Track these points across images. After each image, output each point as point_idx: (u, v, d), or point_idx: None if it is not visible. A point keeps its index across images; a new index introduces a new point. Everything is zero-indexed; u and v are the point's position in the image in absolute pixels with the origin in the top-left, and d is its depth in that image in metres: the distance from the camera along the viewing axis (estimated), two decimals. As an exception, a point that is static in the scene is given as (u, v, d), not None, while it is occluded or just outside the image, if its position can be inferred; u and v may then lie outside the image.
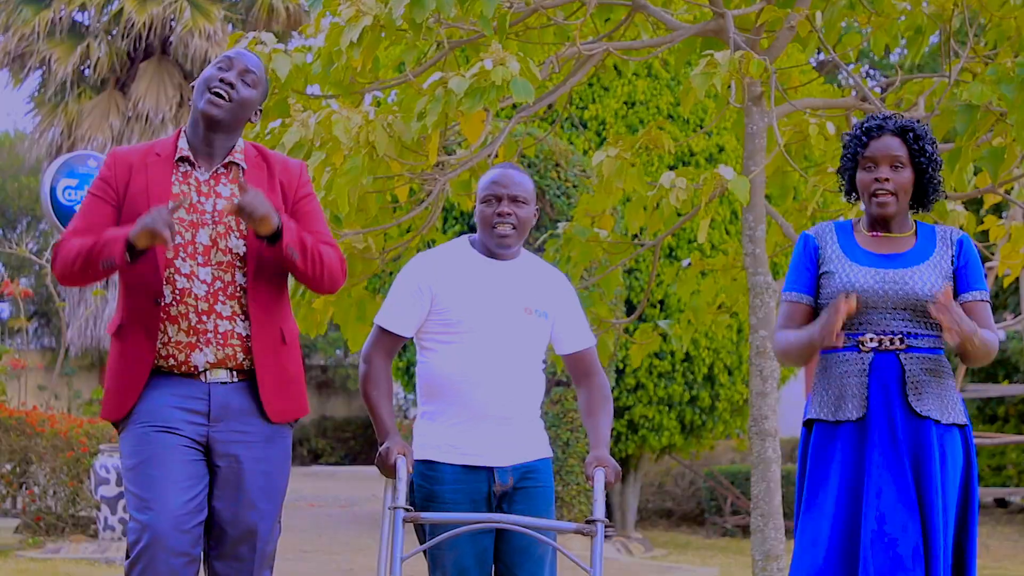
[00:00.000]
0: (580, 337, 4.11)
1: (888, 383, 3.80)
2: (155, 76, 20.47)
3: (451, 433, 3.96)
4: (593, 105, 13.36)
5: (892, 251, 3.88)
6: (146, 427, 3.76)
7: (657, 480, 16.87)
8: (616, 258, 6.91)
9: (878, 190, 3.85)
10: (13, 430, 12.28)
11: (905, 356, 3.81)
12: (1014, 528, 15.56)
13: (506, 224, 3.97)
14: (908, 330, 3.82)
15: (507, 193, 3.98)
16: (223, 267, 3.80)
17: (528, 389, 4.01)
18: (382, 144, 5.52)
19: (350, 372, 25.15)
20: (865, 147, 3.88)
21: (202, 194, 3.83)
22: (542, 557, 3.97)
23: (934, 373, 3.83)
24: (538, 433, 4.06)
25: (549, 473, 4.05)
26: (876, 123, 3.89)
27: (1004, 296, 17.64)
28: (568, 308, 4.10)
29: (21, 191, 25.47)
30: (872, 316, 3.82)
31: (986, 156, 5.93)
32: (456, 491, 3.92)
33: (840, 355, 3.87)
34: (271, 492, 3.84)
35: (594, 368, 4.12)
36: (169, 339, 3.78)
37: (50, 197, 10.93)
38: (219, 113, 3.81)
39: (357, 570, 10.20)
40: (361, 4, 5.62)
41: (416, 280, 4.02)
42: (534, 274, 4.08)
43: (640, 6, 6.30)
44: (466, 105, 5.27)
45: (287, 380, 3.87)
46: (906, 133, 3.88)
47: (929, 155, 3.89)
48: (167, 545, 3.63)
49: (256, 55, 4.02)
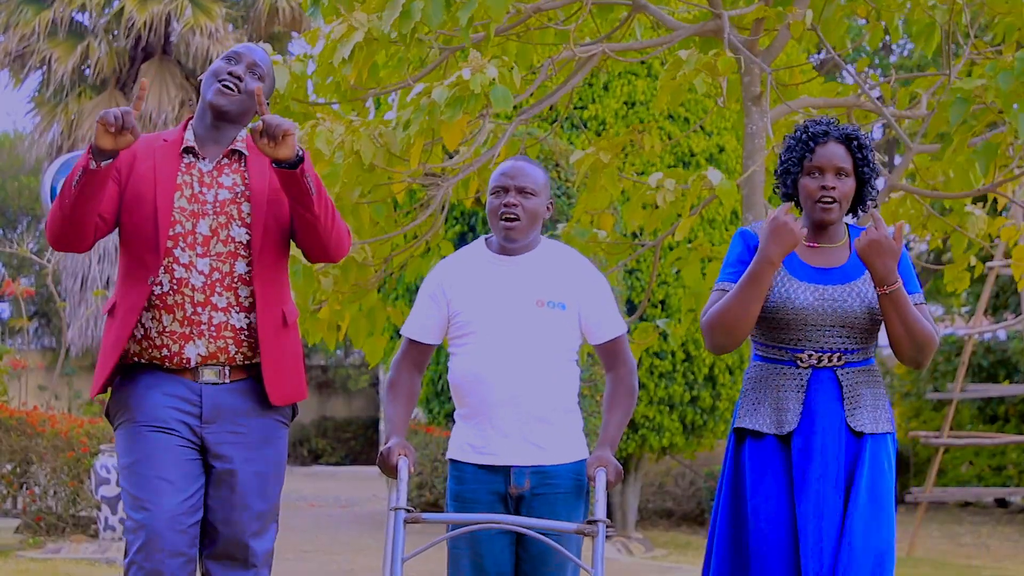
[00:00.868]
0: (607, 326, 4.02)
1: (826, 399, 3.81)
2: (156, 76, 20.47)
3: (472, 433, 3.96)
4: (593, 105, 13.36)
5: (828, 264, 3.88)
6: (140, 426, 3.77)
7: (657, 480, 16.86)
8: (615, 259, 6.91)
9: (824, 197, 3.84)
10: (14, 430, 12.28)
11: (842, 372, 3.83)
12: (1014, 528, 15.56)
13: (511, 215, 3.94)
14: (845, 346, 3.83)
15: (514, 184, 3.96)
16: (222, 258, 3.80)
17: (548, 384, 3.93)
18: (367, 152, 5.53)
19: (350, 372, 25.16)
20: (812, 153, 3.87)
21: (204, 185, 3.84)
22: (562, 566, 3.91)
23: (868, 384, 3.86)
24: (566, 432, 3.97)
25: (573, 478, 3.94)
26: (822, 129, 3.88)
27: (1005, 296, 17.63)
28: (593, 296, 4.01)
29: (21, 191, 25.48)
30: (811, 333, 3.82)
31: (979, 150, 5.93)
32: (475, 491, 3.91)
33: (778, 368, 3.86)
34: (265, 492, 3.84)
35: (621, 358, 4.03)
36: (164, 328, 3.78)
37: (50, 197, 10.94)
38: (227, 104, 3.83)
39: (357, 570, 10.20)
40: (353, 20, 5.63)
41: (431, 286, 4.03)
42: (551, 265, 4.01)
43: (639, 6, 6.30)
44: (447, 115, 5.28)
45: (288, 364, 3.87)
46: (851, 141, 3.88)
47: (871, 164, 3.90)
48: (163, 544, 3.64)
49: (263, 49, 4.02)
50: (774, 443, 3.84)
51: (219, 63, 3.88)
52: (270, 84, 3.95)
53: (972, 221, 6.63)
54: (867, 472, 3.78)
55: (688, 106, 13.33)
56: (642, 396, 13.39)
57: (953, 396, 13.72)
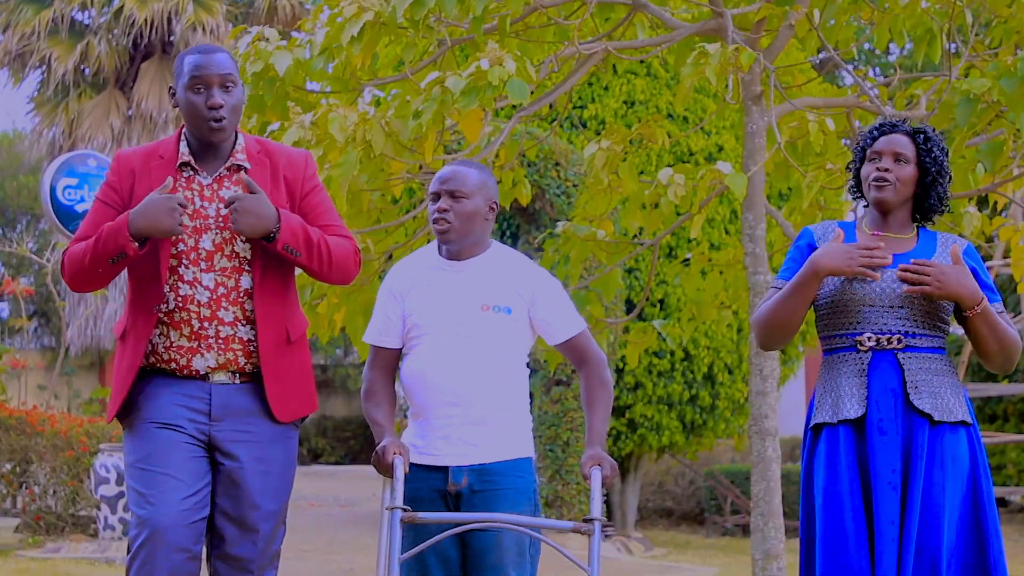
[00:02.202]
0: (565, 325, 4.04)
1: (887, 382, 3.78)
2: (156, 75, 20.47)
3: (416, 433, 3.98)
4: (592, 104, 13.36)
5: (894, 251, 3.86)
6: (148, 424, 3.77)
7: (657, 479, 16.86)
8: (614, 258, 6.90)
9: (877, 177, 3.86)
10: (13, 429, 12.28)
11: (903, 355, 3.80)
12: (1014, 527, 15.56)
13: (441, 219, 3.95)
14: (907, 329, 3.80)
15: (445, 188, 3.96)
16: (226, 272, 3.79)
17: (492, 387, 3.95)
18: (378, 142, 5.52)
19: (350, 372, 25.15)
20: (874, 141, 3.92)
21: (205, 199, 3.82)
22: (499, 564, 3.89)
23: (934, 372, 3.80)
24: (509, 433, 3.99)
25: (514, 475, 3.96)
26: (890, 123, 3.94)
27: (1004, 296, 17.63)
28: (543, 299, 4.03)
29: (20, 190, 25.46)
30: (870, 315, 3.81)
31: (984, 150, 5.93)
32: (417, 489, 3.90)
33: (840, 356, 3.85)
34: (273, 492, 3.83)
35: (589, 354, 4.05)
36: (171, 343, 3.80)
37: (50, 196, 10.94)
38: (225, 134, 3.82)
39: (357, 570, 10.20)
40: (363, 1, 5.62)
41: (388, 290, 4.06)
42: (498, 270, 4.03)
43: (640, 5, 6.29)
44: (461, 103, 5.28)
45: (293, 379, 3.87)
46: (917, 135, 3.90)
47: (936, 159, 3.89)
48: (167, 540, 3.63)
49: (217, 47, 3.90)
50: (842, 431, 3.80)
51: (191, 96, 3.78)
52: (238, 78, 3.86)
53: (968, 220, 6.63)
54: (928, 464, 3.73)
55: (688, 105, 13.32)
56: (641, 395, 13.39)
57: (953, 395, 13.71)
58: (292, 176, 3.90)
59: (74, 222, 10.96)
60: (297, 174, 3.91)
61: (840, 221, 4.04)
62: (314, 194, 3.93)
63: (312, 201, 3.92)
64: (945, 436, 3.77)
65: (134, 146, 21.48)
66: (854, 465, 3.78)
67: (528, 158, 11.96)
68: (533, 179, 12.03)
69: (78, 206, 10.96)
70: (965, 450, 3.80)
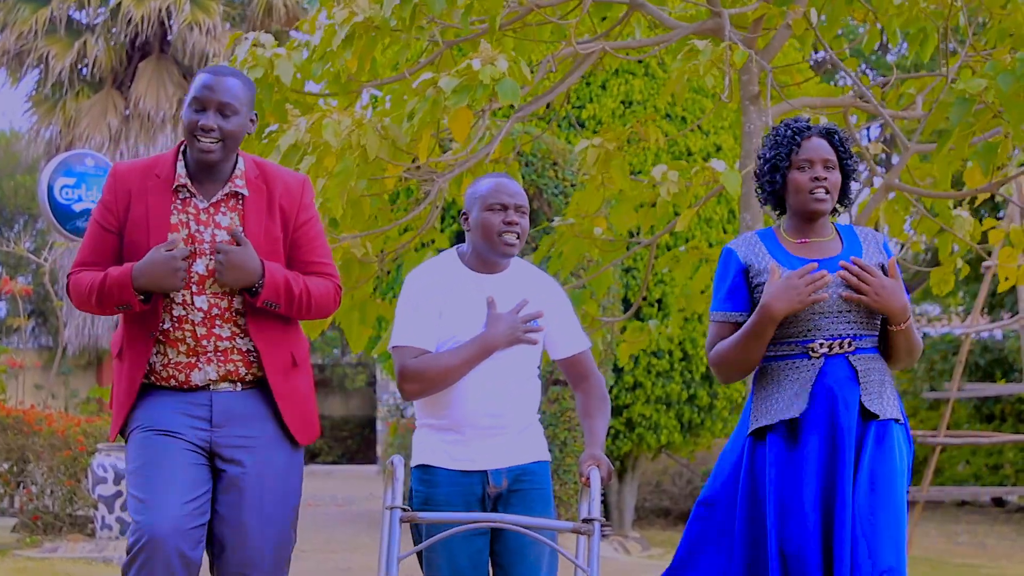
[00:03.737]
0: (573, 341, 4.13)
1: (840, 384, 3.81)
2: (154, 74, 20.47)
3: (446, 443, 3.98)
4: (590, 104, 13.36)
5: (825, 256, 3.91)
6: (148, 432, 3.78)
7: (654, 479, 16.87)
8: (609, 256, 6.90)
9: (816, 188, 3.88)
10: (10, 429, 12.27)
11: (854, 358, 3.85)
12: (1011, 527, 15.57)
13: (513, 233, 4.00)
14: (855, 332, 3.85)
15: (513, 203, 4.02)
16: (219, 295, 3.80)
17: (522, 397, 4.03)
18: (373, 147, 5.53)
19: (347, 371, 25.15)
20: (799, 147, 3.92)
21: (201, 223, 3.81)
22: (538, 559, 3.96)
23: (879, 372, 3.87)
24: (534, 437, 4.07)
25: (545, 475, 4.05)
26: (804, 125, 3.96)
27: (1001, 295, 17.64)
28: (560, 313, 4.11)
29: (18, 189, 25.47)
30: (820, 321, 3.84)
31: (980, 151, 5.94)
32: (451, 493, 3.93)
33: (788, 363, 3.87)
34: (276, 497, 3.82)
35: (590, 371, 4.14)
36: (169, 361, 3.81)
37: (47, 196, 10.94)
38: (213, 157, 3.79)
39: (354, 569, 10.20)
40: (355, 6, 5.63)
41: (421, 295, 4.01)
42: (524, 284, 4.09)
43: (637, 4, 6.30)
44: (452, 101, 5.28)
45: (300, 405, 3.88)
46: (832, 136, 3.95)
47: (852, 158, 3.97)
48: (165, 546, 3.62)
49: (232, 71, 3.87)
50: (787, 433, 3.82)
51: (189, 113, 3.78)
52: (248, 110, 3.83)
53: (959, 223, 6.64)
54: (871, 455, 3.78)
55: (686, 105, 13.33)
56: (639, 395, 13.39)
57: (950, 395, 13.73)
58: (288, 206, 3.88)
59: (71, 221, 10.96)
60: (293, 204, 3.88)
61: (758, 231, 4.04)
62: (308, 226, 3.91)
63: (306, 233, 3.90)
64: (889, 432, 3.82)
65: (131, 145, 21.40)
66: (814, 463, 3.78)
67: (525, 156, 11.96)
68: (531, 179, 12.04)
69: (75, 205, 10.96)
70: (906, 444, 3.88)
